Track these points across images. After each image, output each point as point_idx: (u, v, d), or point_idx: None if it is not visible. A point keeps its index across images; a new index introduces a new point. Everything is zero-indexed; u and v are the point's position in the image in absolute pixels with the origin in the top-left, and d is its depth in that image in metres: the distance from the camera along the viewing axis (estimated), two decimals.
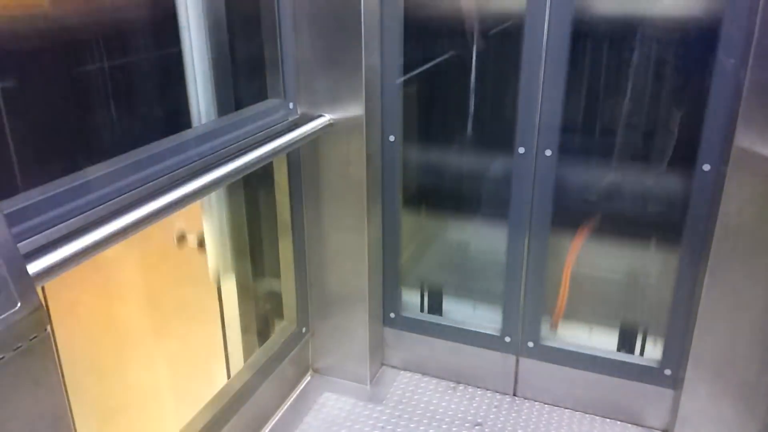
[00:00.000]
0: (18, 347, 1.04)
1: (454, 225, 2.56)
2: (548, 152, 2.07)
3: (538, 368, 2.36)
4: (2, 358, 1.01)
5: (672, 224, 2.04)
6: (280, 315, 2.46)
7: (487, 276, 2.47)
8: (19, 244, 1.10)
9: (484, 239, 2.47)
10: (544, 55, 1.97)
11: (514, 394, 2.44)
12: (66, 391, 1.25)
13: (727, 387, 2.04)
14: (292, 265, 2.34)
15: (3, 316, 1.00)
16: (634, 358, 2.26)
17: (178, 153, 1.67)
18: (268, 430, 2.27)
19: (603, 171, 2.18)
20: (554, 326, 2.35)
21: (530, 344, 2.33)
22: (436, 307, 2.55)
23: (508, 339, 2.37)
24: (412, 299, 2.57)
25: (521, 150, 2.10)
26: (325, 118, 2.12)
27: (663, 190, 2.12)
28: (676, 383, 2.18)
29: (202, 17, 2.03)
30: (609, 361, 2.26)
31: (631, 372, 2.24)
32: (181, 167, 1.65)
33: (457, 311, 2.52)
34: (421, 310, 2.56)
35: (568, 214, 2.20)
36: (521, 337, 2.35)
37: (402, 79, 2.21)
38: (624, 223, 2.22)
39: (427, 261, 2.62)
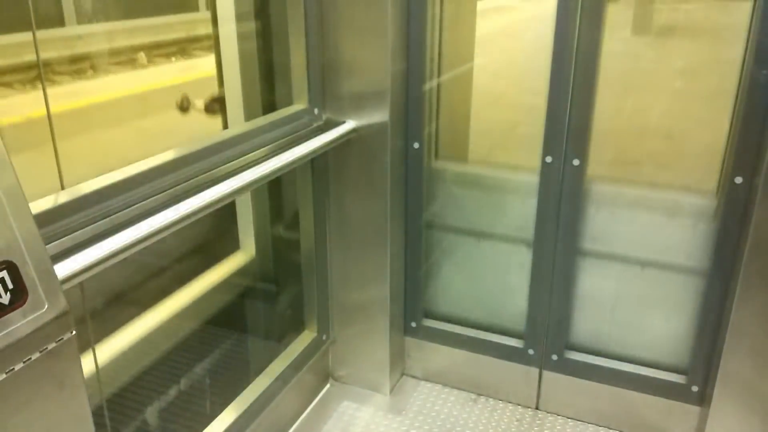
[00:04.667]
0: (44, 349, 1.03)
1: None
2: (576, 162, 2.04)
3: (561, 381, 2.32)
4: (29, 359, 1.01)
5: None
6: (301, 321, 2.45)
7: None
8: (47, 246, 1.10)
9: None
10: (573, 60, 1.94)
11: (537, 408, 2.40)
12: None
13: (756, 405, 1.99)
14: (314, 271, 2.32)
15: (31, 317, 1.00)
16: (660, 373, 2.20)
17: (204, 158, 1.67)
18: None
19: None
20: None
21: (554, 357, 2.30)
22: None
23: (531, 351, 2.33)
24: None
25: (548, 159, 2.07)
26: (350, 125, 2.11)
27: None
28: (703, 400, 2.13)
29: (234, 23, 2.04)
30: (634, 376, 2.21)
31: (656, 387, 2.19)
32: (206, 172, 1.65)
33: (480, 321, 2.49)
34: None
35: None
36: (545, 349, 2.31)
37: (428, 85, 2.20)
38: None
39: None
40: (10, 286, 0.97)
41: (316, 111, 2.12)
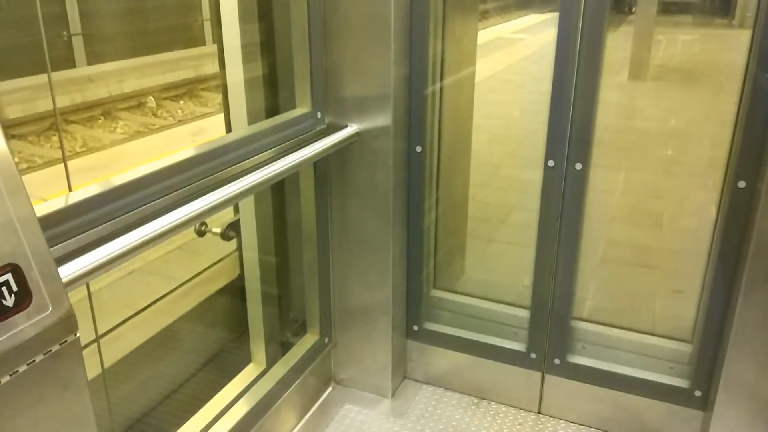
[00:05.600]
0: (48, 351, 1.04)
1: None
2: (578, 166, 2.04)
3: (564, 386, 2.31)
4: (33, 361, 1.01)
5: None
6: (303, 324, 2.45)
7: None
8: (51, 249, 1.10)
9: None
10: (575, 66, 1.95)
11: (539, 412, 2.39)
12: None
13: (759, 410, 1.98)
14: (316, 274, 2.33)
15: (35, 320, 1.01)
16: (663, 378, 2.20)
17: (208, 161, 1.67)
18: None
19: None
20: None
21: (556, 361, 2.29)
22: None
23: (533, 355, 2.33)
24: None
25: (551, 163, 2.07)
26: (353, 128, 2.12)
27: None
28: (706, 405, 2.12)
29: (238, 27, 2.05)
30: (637, 381, 2.21)
31: (659, 392, 2.19)
32: (210, 175, 1.65)
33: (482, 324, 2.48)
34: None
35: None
36: (547, 353, 2.31)
37: (430, 89, 2.20)
38: None
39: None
40: (15, 288, 0.97)
41: (318, 115, 2.13)
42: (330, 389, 2.52)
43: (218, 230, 2.14)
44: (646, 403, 2.21)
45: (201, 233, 2.08)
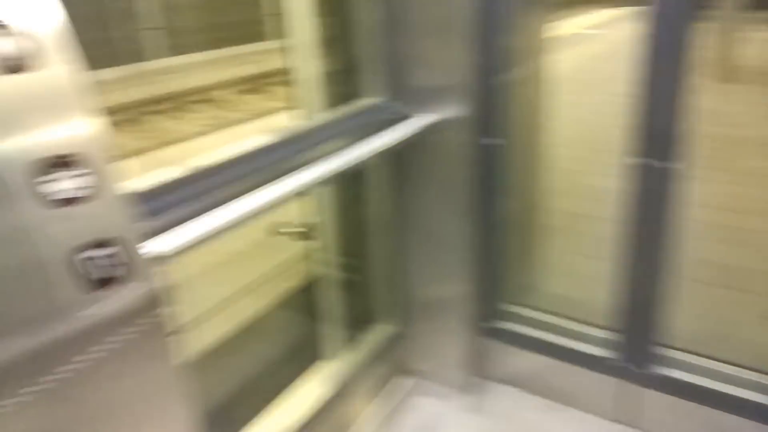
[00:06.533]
0: (138, 324, 1.06)
1: None
2: (662, 165, 1.89)
3: (652, 398, 2.17)
4: (123, 333, 1.03)
5: None
6: (378, 314, 2.43)
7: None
8: (142, 224, 1.12)
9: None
10: (660, 62, 1.79)
11: (622, 423, 2.27)
12: None
13: None
14: (391, 265, 2.30)
15: (125, 293, 1.02)
16: (756, 397, 2.02)
17: (285, 147, 1.67)
18: (358, 428, 2.25)
19: None
20: None
21: (645, 371, 2.16)
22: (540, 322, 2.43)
23: (620, 363, 2.20)
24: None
25: (634, 161, 1.93)
26: (429, 117, 2.05)
27: None
28: None
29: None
30: (735, 400, 2.04)
31: (759, 414, 2.01)
32: (286, 161, 1.64)
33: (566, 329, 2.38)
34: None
35: None
36: (635, 361, 2.18)
37: (505, 81, 2.10)
38: None
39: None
40: (107, 263, 0.99)
41: (392, 104, 2.07)
42: (402, 380, 2.49)
43: (295, 231, 2.15)
44: (743, 424, 2.04)
45: (278, 234, 2.10)
